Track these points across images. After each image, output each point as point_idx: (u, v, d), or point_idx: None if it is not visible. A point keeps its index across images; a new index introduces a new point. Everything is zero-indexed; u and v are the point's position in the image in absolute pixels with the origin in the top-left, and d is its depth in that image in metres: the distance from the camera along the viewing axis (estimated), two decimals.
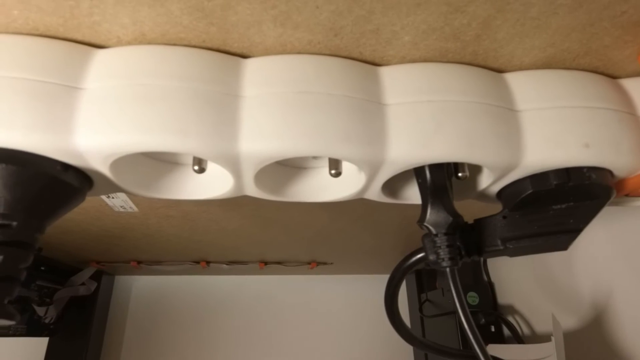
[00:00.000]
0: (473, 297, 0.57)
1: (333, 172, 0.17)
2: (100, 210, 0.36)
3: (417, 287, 0.68)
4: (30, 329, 0.55)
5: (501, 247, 0.18)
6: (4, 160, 0.14)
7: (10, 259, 0.14)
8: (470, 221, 0.20)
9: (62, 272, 0.57)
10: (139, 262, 0.56)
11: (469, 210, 0.29)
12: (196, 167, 0.17)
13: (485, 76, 0.18)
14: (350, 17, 0.16)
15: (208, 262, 0.57)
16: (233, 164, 0.16)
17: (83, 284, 0.57)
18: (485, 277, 0.61)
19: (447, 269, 0.17)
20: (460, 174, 0.18)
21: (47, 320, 0.55)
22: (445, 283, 0.61)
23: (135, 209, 0.36)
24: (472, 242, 0.19)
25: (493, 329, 0.55)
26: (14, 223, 0.14)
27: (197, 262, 0.57)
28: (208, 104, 0.15)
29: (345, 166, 0.18)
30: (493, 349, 0.39)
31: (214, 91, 0.15)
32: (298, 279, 0.70)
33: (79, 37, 0.16)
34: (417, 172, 0.18)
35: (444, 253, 0.17)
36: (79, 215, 0.37)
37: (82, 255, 0.52)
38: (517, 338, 0.50)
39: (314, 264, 0.60)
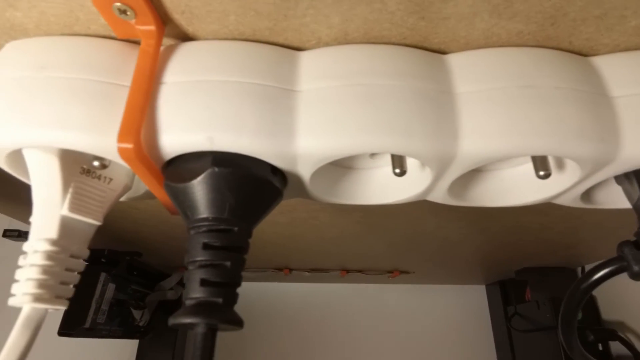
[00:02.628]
0: None
1: (542, 173, 0.16)
2: None
3: (502, 299, 0.64)
4: (126, 331, 0.57)
5: None
6: (231, 165, 0.14)
7: (235, 265, 0.14)
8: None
9: (151, 277, 0.59)
10: None
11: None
12: (397, 170, 0.16)
13: None
14: (581, 2, 0.14)
15: (290, 270, 0.57)
16: (445, 165, 0.15)
17: (171, 289, 0.59)
18: None
19: None
20: None
21: (140, 323, 0.57)
22: (541, 295, 0.57)
23: None
24: None
25: (600, 347, 0.51)
26: (235, 228, 0.14)
27: (280, 269, 0.57)
28: (428, 102, 0.14)
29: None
30: None
31: (430, 89, 0.15)
32: (371, 288, 0.69)
33: (280, 40, 0.16)
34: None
35: None
36: None
37: (175, 261, 0.54)
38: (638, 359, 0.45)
39: (397, 273, 0.58)
